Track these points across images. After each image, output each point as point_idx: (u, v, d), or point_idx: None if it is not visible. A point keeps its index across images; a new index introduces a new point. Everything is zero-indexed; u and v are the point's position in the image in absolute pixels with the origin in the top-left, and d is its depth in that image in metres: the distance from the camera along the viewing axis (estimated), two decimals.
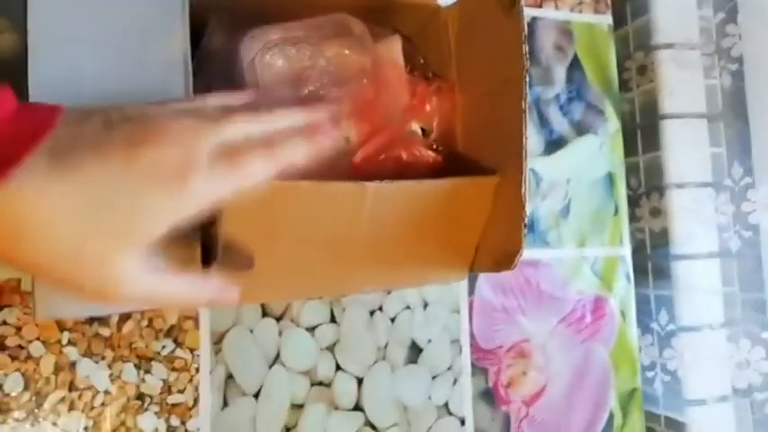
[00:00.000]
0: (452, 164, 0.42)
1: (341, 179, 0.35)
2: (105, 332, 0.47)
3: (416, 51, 0.45)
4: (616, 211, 0.64)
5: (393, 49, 0.43)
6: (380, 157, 0.39)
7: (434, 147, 0.42)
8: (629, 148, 0.68)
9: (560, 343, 0.60)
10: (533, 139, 0.62)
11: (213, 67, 0.41)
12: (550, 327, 0.60)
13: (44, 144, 0.24)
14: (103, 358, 0.47)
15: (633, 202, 0.68)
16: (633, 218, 0.68)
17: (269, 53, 0.38)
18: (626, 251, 0.64)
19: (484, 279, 0.58)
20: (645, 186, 0.68)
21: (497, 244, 0.41)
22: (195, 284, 0.31)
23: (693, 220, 0.65)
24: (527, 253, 0.59)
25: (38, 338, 0.46)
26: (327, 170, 0.38)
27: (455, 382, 0.56)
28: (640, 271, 0.66)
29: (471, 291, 0.57)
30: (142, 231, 0.26)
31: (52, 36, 0.33)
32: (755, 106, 0.63)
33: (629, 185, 0.68)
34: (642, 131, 0.68)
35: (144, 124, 0.27)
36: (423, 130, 0.44)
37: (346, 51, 0.40)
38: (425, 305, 0.56)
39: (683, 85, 0.66)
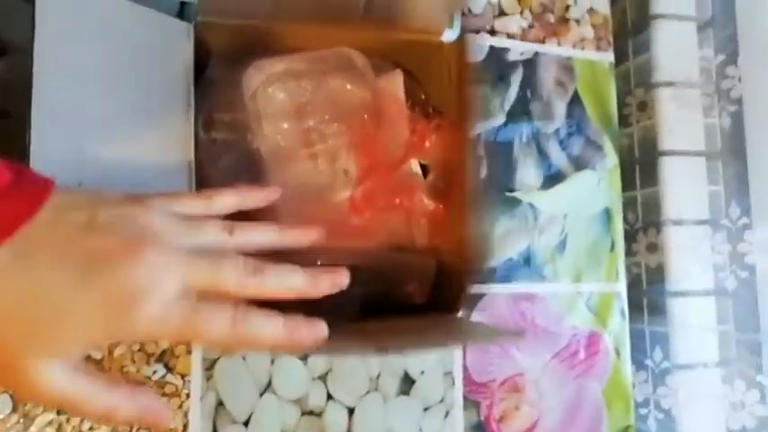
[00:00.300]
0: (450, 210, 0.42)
1: (340, 218, 0.35)
2: (96, 355, 0.47)
3: (418, 86, 0.45)
4: (612, 247, 0.64)
5: (395, 83, 0.43)
6: (380, 204, 0.39)
7: (435, 188, 0.42)
8: (628, 183, 0.68)
9: (554, 378, 0.60)
10: (532, 172, 0.62)
11: (216, 97, 0.42)
12: (544, 361, 0.60)
13: (19, 233, 0.24)
14: None
15: (630, 236, 0.68)
16: (629, 252, 0.68)
17: (271, 87, 0.38)
18: (621, 287, 0.64)
19: (478, 312, 0.58)
20: (642, 221, 0.68)
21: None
22: (123, 397, 0.29)
23: (690, 257, 0.65)
24: (523, 286, 0.60)
25: None
26: (326, 204, 0.38)
27: (447, 414, 0.56)
28: (636, 306, 0.66)
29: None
30: (68, 345, 0.26)
31: (58, 65, 0.34)
32: (754, 148, 0.64)
33: (626, 220, 0.68)
34: (641, 166, 0.68)
35: (124, 239, 0.26)
36: (422, 165, 0.44)
37: (348, 86, 0.40)
38: None
39: (682, 123, 0.67)
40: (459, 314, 0.39)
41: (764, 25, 0.64)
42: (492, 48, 0.63)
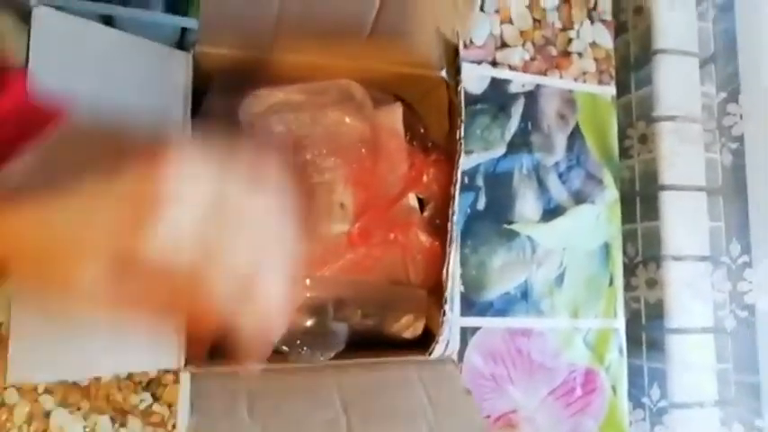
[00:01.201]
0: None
1: (335, 252, 0.34)
2: (83, 381, 0.46)
3: (417, 120, 0.45)
4: (611, 283, 0.64)
5: (394, 117, 0.43)
6: (376, 239, 0.38)
7: (432, 222, 0.42)
8: (628, 215, 0.67)
9: (549, 415, 0.59)
10: (531, 205, 0.62)
11: (213, 126, 0.42)
12: (540, 398, 0.59)
13: (38, 146, 0.24)
14: (79, 409, 0.46)
15: (630, 270, 0.67)
16: (629, 287, 0.67)
17: (269, 118, 0.38)
18: (620, 324, 0.63)
19: (473, 346, 0.57)
20: (642, 255, 0.68)
21: None
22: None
23: (689, 294, 0.64)
24: (520, 321, 0.59)
25: (13, 385, 0.45)
26: (322, 237, 0.37)
27: None
28: (634, 341, 0.65)
29: (461, 357, 0.56)
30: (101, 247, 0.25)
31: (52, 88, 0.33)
32: (755, 187, 0.63)
33: (625, 253, 0.67)
34: (641, 199, 0.68)
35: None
36: (420, 199, 0.44)
37: (347, 119, 0.40)
38: None
39: (683, 158, 0.67)
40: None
41: (765, 64, 0.64)
42: (494, 79, 0.63)
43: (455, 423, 0.39)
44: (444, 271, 0.36)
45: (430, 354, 0.38)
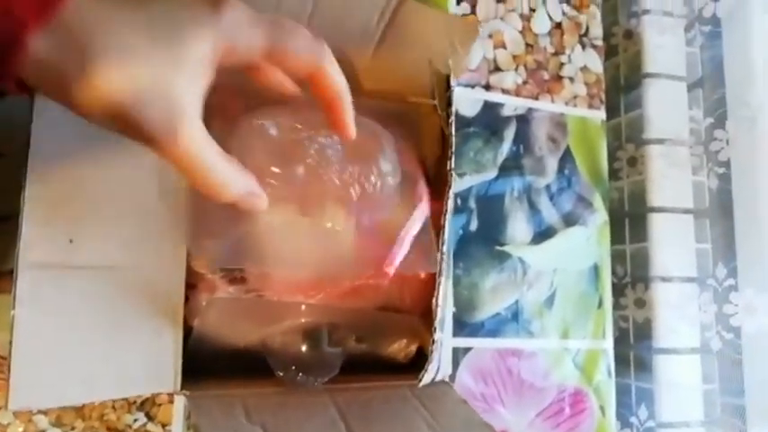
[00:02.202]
0: None
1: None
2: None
3: (411, 147, 0.46)
4: (600, 304, 0.65)
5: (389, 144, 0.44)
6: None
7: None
8: (617, 236, 0.68)
9: None
10: (522, 227, 0.63)
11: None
12: (529, 418, 0.59)
13: None
14: (73, 429, 0.46)
15: (618, 290, 0.69)
16: (618, 306, 0.68)
17: (261, 120, 0.38)
18: (608, 345, 0.64)
19: (464, 366, 0.58)
20: (631, 276, 0.69)
21: None
22: (235, 171, 0.30)
23: (677, 315, 0.65)
24: (511, 342, 0.60)
25: (14, 412, 0.45)
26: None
27: None
28: (623, 361, 0.66)
29: (452, 378, 0.57)
30: (188, 57, 0.26)
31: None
32: (741, 212, 0.65)
33: (614, 273, 0.68)
34: (630, 220, 0.69)
35: None
36: None
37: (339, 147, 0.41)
38: None
39: (671, 180, 0.68)
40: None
41: (752, 91, 0.65)
42: (486, 102, 0.64)
43: (455, 422, 0.40)
44: (434, 301, 0.36)
45: (420, 381, 0.38)
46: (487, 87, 0.64)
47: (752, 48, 0.66)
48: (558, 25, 0.69)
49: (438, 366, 0.39)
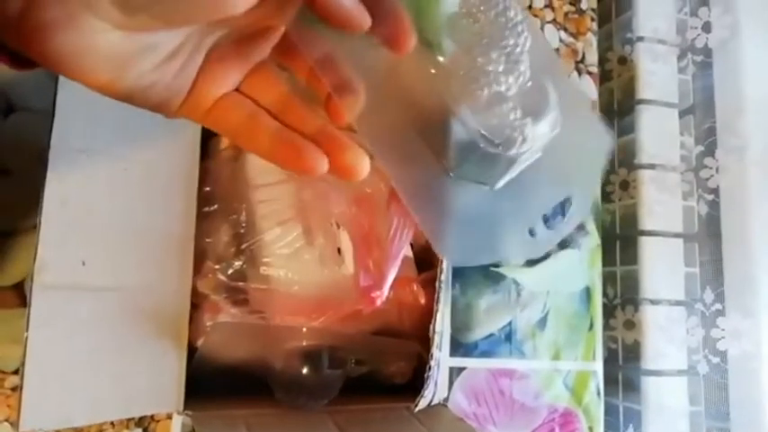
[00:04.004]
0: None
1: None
2: None
3: None
4: (591, 326, 0.66)
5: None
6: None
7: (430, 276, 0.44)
8: (609, 258, 0.70)
9: None
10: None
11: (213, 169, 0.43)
12: None
13: None
14: None
15: (608, 311, 0.70)
16: (608, 327, 0.69)
17: None
18: (598, 366, 0.66)
19: (458, 386, 0.59)
20: (621, 298, 0.70)
21: None
22: None
23: (665, 337, 0.67)
24: (504, 362, 0.61)
25: (6, 420, 0.46)
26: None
27: None
28: (611, 382, 0.67)
29: (446, 398, 0.58)
30: None
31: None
32: (729, 240, 0.67)
33: (605, 294, 0.70)
34: (621, 243, 0.71)
35: None
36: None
37: None
38: None
39: (661, 205, 0.69)
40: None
41: (741, 121, 0.67)
42: None
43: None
44: (431, 328, 0.38)
45: (416, 405, 0.39)
46: None
47: (741, 79, 0.68)
48: (556, 51, 0.71)
49: (434, 391, 0.40)
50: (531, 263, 0.64)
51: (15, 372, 0.47)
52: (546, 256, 0.65)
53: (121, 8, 0.21)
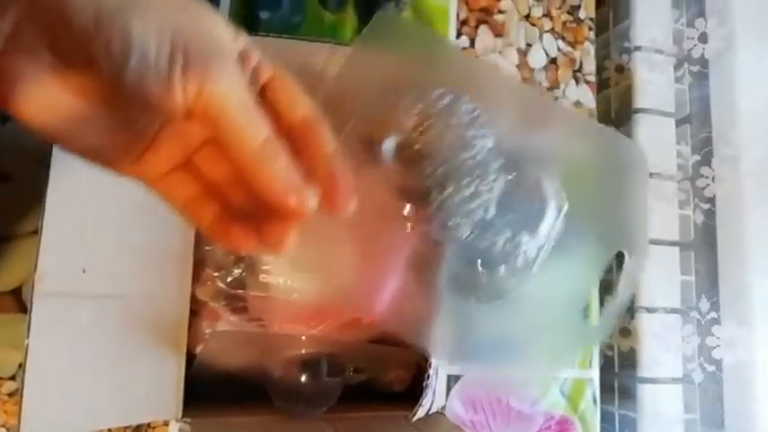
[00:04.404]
0: None
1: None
2: None
3: None
4: None
5: None
6: None
7: None
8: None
9: None
10: None
11: None
12: None
13: None
14: None
15: None
16: None
17: None
18: (594, 374, 0.66)
19: (455, 393, 0.59)
20: None
21: None
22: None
23: (661, 345, 0.67)
24: (501, 370, 0.61)
25: (3, 426, 0.46)
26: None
27: None
28: (607, 389, 0.68)
29: (443, 406, 0.58)
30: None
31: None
32: (725, 248, 0.67)
33: (601, 302, 0.70)
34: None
35: None
36: None
37: None
38: None
39: (658, 214, 0.70)
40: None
41: (737, 131, 0.68)
42: None
43: None
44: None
45: (414, 415, 0.39)
46: None
47: (737, 89, 0.68)
48: (554, 60, 0.71)
49: (432, 399, 0.40)
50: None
51: (12, 377, 0.47)
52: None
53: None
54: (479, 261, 0.26)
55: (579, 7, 0.74)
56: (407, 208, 0.27)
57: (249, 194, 0.26)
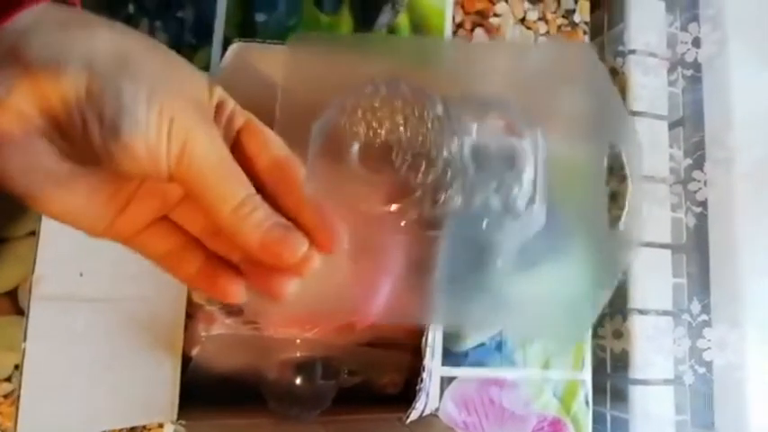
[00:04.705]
0: None
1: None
2: None
3: None
4: None
5: None
6: None
7: None
8: None
9: None
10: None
11: None
12: None
13: None
14: None
15: (597, 321, 0.70)
16: (596, 336, 0.70)
17: None
18: (587, 375, 0.66)
19: (448, 395, 0.59)
20: (609, 307, 0.71)
21: None
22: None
23: (652, 347, 0.68)
24: (494, 372, 0.62)
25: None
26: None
27: None
28: (599, 390, 0.68)
29: (437, 408, 0.59)
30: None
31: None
32: (716, 251, 0.68)
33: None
34: None
35: None
36: None
37: None
38: None
39: (650, 216, 0.70)
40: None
41: (729, 135, 0.68)
42: None
43: None
44: (424, 341, 0.38)
45: (407, 417, 0.40)
46: None
47: (730, 93, 0.69)
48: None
49: (426, 402, 0.41)
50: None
51: (7, 379, 0.47)
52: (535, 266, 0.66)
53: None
54: (484, 222, 0.26)
55: (574, 11, 0.74)
56: (393, 206, 0.27)
57: (233, 246, 0.27)
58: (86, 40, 0.22)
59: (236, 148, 0.26)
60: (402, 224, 0.27)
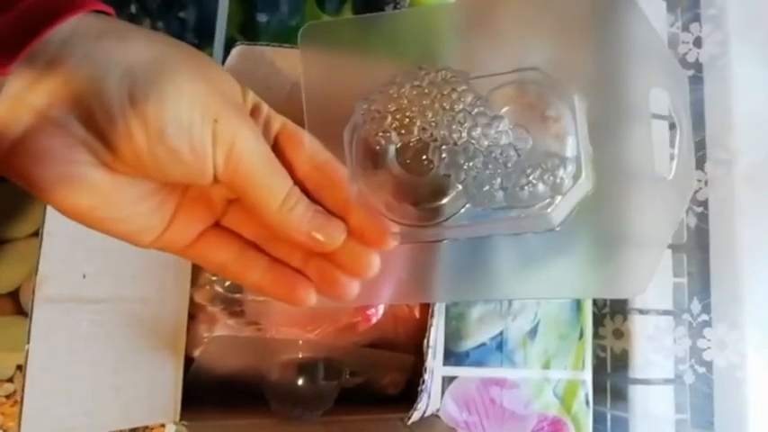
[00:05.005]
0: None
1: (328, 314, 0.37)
2: None
3: None
4: (581, 336, 0.67)
5: None
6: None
7: None
8: None
9: None
10: None
11: None
12: None
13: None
14: None
15: (598, 320, 0.71)
16: (597, 335, 0.70)
17: None
18: (587, 375, 0.67)
19: (449, 394, 0.59)
20: (610, 307, 0.71)
21: None
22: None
23: (652, 347, 0.68)
24: (495, 371, 0.62)
25: (0, 427, 0.46)
26: None
27: None
28: (600, 390, 0.68)
29: (438, 408, 0.59)
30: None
31: None
32: (717, 251, 0.68)
33: (595, 304, 0.71)
34: None
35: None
36: None
37: None
38: None
39: None
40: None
41: (730, 135, 0.68)
42: None
43: None
44: (426, 342, 0.38)
45: (409, 418, 0.40)
46: None
47: (731, 94, 0.69)
48: None
49: (427, 403, 0.41)
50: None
51: (9, 379, 0.47)
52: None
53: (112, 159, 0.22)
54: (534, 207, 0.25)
55: None
56: (436, 203, 0.27)
57: (292, 249, 0.27)
58: (125, 49, 0.22)
59: (275, 152, 0.26)
60: (446, 221, 0.27)
